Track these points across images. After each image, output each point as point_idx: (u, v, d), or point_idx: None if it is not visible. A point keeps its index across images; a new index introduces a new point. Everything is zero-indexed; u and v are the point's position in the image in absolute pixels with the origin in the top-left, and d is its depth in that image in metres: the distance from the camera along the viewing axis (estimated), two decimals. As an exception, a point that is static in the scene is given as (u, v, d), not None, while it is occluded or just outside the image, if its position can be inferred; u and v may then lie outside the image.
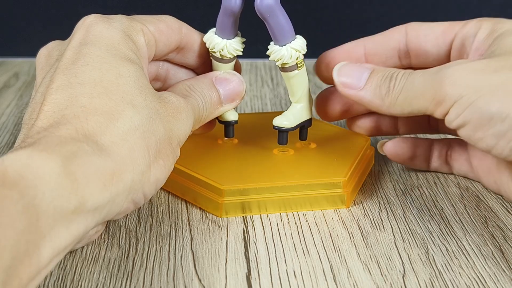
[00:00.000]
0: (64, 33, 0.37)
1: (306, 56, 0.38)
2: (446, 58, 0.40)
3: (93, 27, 0.35)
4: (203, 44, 0.39)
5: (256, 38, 0.38)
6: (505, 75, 0.32)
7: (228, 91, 0.38)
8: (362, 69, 0.38)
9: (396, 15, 0.67)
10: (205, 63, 0.40)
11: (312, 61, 0.44)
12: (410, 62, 0.41)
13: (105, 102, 0.31)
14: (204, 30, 0.40)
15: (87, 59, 0.33)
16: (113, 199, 0.29)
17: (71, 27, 0.37)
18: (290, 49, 0.37)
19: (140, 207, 0.38)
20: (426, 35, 0.40)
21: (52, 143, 0.28)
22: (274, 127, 0.40)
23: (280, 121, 0.40)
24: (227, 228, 0.37)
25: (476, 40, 0.37)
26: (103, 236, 0.36)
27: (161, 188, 0.41)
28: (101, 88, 0.31)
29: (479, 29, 0.37)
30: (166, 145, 0.33)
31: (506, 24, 0.37)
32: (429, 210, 0.39)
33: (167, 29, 0.38)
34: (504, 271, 0.33)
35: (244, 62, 0.65)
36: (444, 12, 0.66)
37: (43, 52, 0.36)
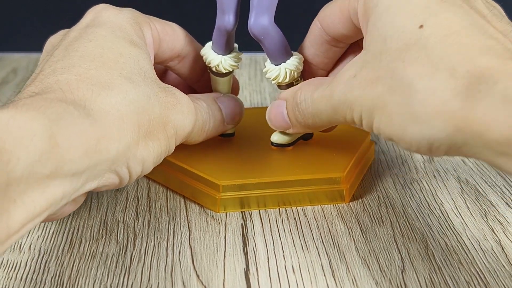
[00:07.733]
0: (62, 28, 0.37)
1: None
2: (361, 32, 0.36)
3: (102, 13, 0.35)
4: (201, 57, 0.39)
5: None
6: (380, 88, 0.30)
7: (228, 109, 0.39)
8: (280, 109, 0.37)
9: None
10: (200, 80, 0.40)
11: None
12: (345, 45, 0.39)
13: (102, 74, 0.31)
14: (202, 27, 0.39)
15: (90, 37, 0.33)
16: (93, 167, 0.29)
17: (70, 21, 0.36)
18: (284, 69, 0.37)
19: (138, 202, 0.38)
20: (333, 21, 0.37)
21: (38, 104, 0.27)
22: (272, 143, 0.40)
23: (278, 138, 0.39)
24: (225, 223, 0.37)
25: (359, 20, 0.34)
26: (100, 231, 0.36)
27: (160, 184, 0.40)
28: (100, 63, 0.31)
29: (357, 4, 0.34)
30: (159, 129, 0.32)
31: None
32: (428, 205, 0.38)
33: (172, 32, 0.38)
34: (503, 266, 0.33)
35: (243, 56, 0.65)
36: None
37: (50, 39, 0.36)
